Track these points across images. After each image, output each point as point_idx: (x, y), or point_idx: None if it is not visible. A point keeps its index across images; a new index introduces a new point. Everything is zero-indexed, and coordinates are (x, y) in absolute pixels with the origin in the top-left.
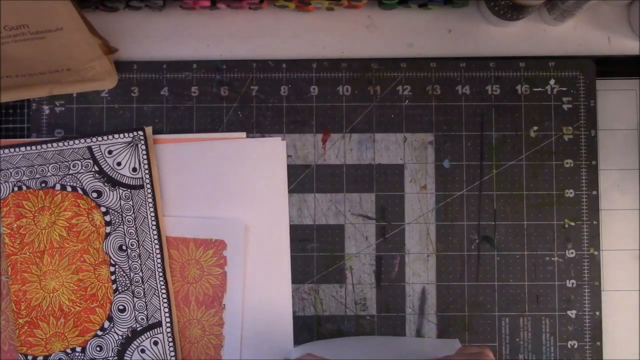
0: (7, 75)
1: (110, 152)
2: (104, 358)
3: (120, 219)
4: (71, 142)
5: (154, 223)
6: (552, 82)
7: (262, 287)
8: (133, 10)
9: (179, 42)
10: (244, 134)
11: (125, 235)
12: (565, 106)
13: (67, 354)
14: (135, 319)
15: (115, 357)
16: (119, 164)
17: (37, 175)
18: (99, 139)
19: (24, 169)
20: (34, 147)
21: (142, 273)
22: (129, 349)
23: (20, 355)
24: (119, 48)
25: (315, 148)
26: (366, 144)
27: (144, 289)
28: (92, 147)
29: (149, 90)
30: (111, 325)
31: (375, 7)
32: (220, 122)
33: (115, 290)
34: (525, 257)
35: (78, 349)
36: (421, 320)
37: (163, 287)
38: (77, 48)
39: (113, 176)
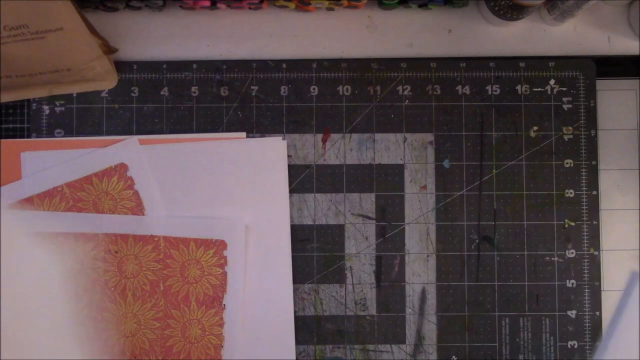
0: (7, 75)
1: None
2: None
3: None
4: None
5: None
6: (552, 82)
7: (262, 287)
8: (133, 10)
9: (179, 42)
10: (244, 134)
11: None
12: (565, 106)
13: None
14: None
15: None
16: None
17: None
18: None
19: None
20: None
21: None
22: None
23: None
24: (119, 48)
25: (315, 148)
26: (366, 144)
27: None
28: None
29: (149, 90)
30: None
31: (375, 7)
32: (220, 122)
33: None
34: (525, 257)
35: None
36: (421, 320)
37: None
38: (77, 48)
39: None
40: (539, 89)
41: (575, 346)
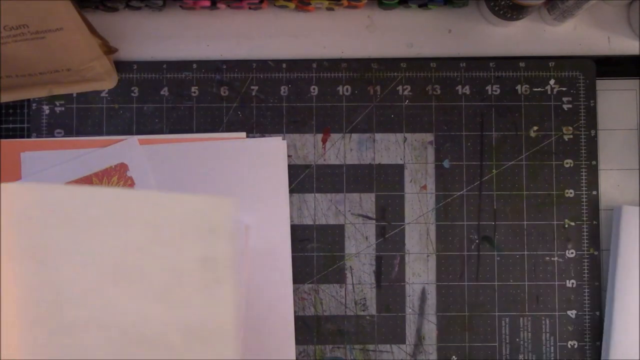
0: (7, 75)
1: None
2: None
3: None
4: None
5: None
6: (552, 82)
7: (262, 287)
8: (133, 10)
9: (179, 42)
10: (244, 134)
11: None
12: (565, 106)
13: None
14: None
15: None
16: None
17: None
18: None
19: None
20: None
21: None
22: None
23: None
24: (119, 48)
25: (315, 148)
26: (366, 144)
27: None
28: None
29: (149, 90)
30: None
31: (375, 7)
32: (220, 122)
33: None
34: (525, 257)
35: None
36: (421, 320)
37: None
38: (77, 48)
39: None
40: (539, 89)
41: (575, 346)
